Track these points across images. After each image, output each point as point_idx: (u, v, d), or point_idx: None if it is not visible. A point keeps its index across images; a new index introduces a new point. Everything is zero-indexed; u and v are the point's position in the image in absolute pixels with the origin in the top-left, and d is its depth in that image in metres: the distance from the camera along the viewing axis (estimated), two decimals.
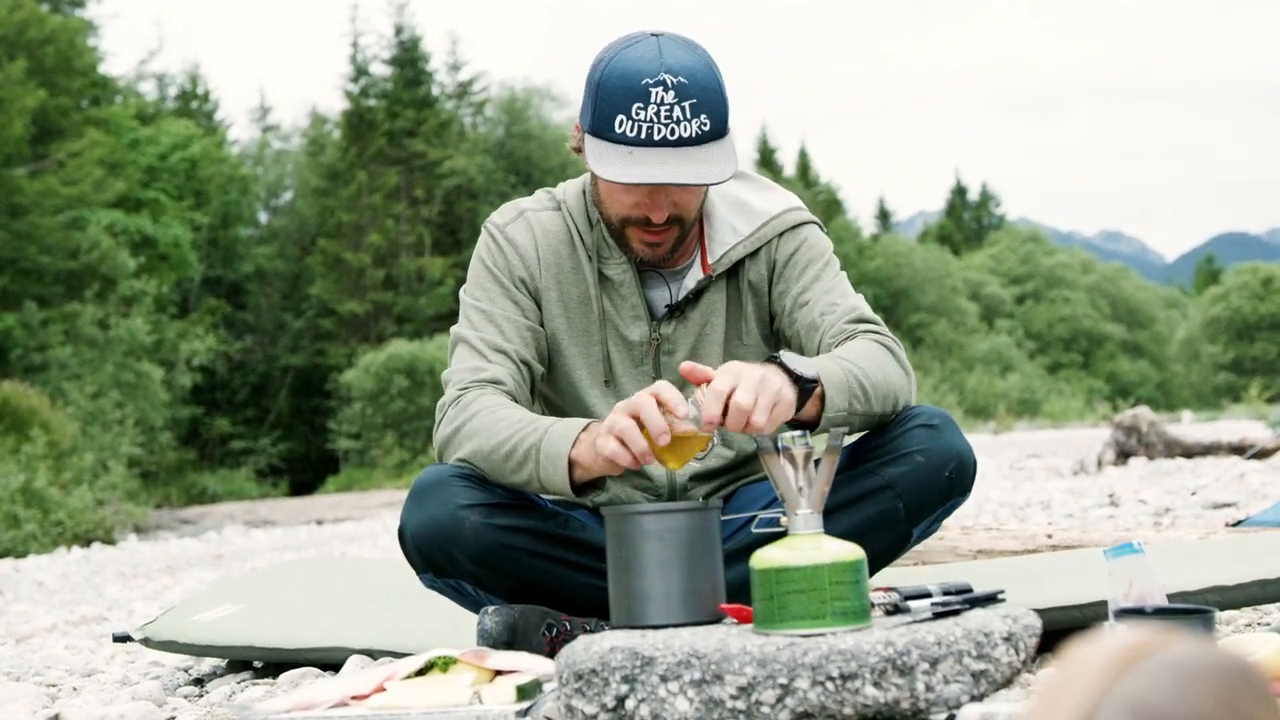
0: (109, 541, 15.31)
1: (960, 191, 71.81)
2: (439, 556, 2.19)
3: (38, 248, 26.46)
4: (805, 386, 2.01)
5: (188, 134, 35.72)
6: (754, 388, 1.92)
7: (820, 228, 2.42)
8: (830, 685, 1.62)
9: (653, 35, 2.21)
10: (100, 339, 26.25)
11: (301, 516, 18.86)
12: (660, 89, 2.12)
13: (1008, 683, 1.71)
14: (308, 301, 39.08)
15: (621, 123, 2.14)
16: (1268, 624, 2.54)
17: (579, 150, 2.28)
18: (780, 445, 1.83)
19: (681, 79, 2.13)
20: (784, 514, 1.82)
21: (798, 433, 1.85)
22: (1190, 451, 10.32)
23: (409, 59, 42.62)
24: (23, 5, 26.72)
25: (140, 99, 38.82)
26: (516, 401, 2.25)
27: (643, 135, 2.13)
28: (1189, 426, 22.66)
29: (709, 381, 1.95)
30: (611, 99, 2.15)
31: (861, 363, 2.14)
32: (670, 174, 2.13)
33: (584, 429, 2.08)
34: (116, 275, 27.49)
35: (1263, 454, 9.05)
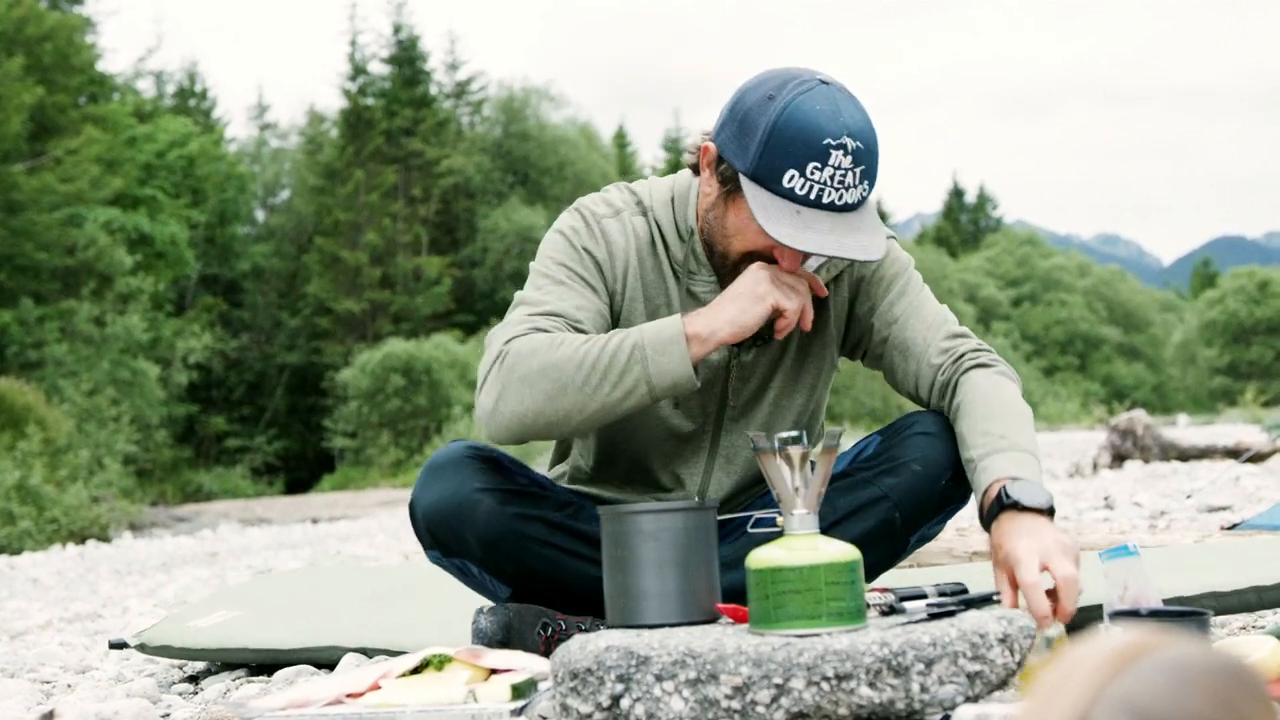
0: (104, 539, 15.31)
1: (957, 194, 71.86)
2: (449, 536, 2.18)
3: (34, 244, 26.46)
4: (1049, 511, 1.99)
5: (185, 132, 35.69)
6: (1066, 561, 1.88)
7: (897, 240, 2.36)
8: (825, 685, 1.62)
9: (823, 83, 2.07)
10: (96, 336, 26.24)
11: (297, 515, 18.86)
12: (839, 152, 2.01)
13: (1003, 684, 1.72)
14: (304, 300, 39.06)
15: (792, 178, 2.01)
16: (1262, 626, 2.54)
17: (696, 169, 2.20)
18: (777, 445, 1.83)
19: (859, 144, 2.03)
20: (780, 514, 1.82)
21: (794, 433, 1.85)
22: (1186, 455, 10.33)
23: (407, 58, 42.63)
24: (21, 2, 26.70)
25: (138, 96, 38.79)
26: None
27: (812, 196, 2.02)
28: (1185, 430, 22.69)
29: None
30: (787, 151, 2.01)
31: (1024, 430, 2.12)
32: (838, 246, 2.03)
33: (686, 315, 2.08)
34: (113, 272, 27.49)
35: (1258, 457, 9.07)
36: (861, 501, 2.20)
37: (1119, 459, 10.44)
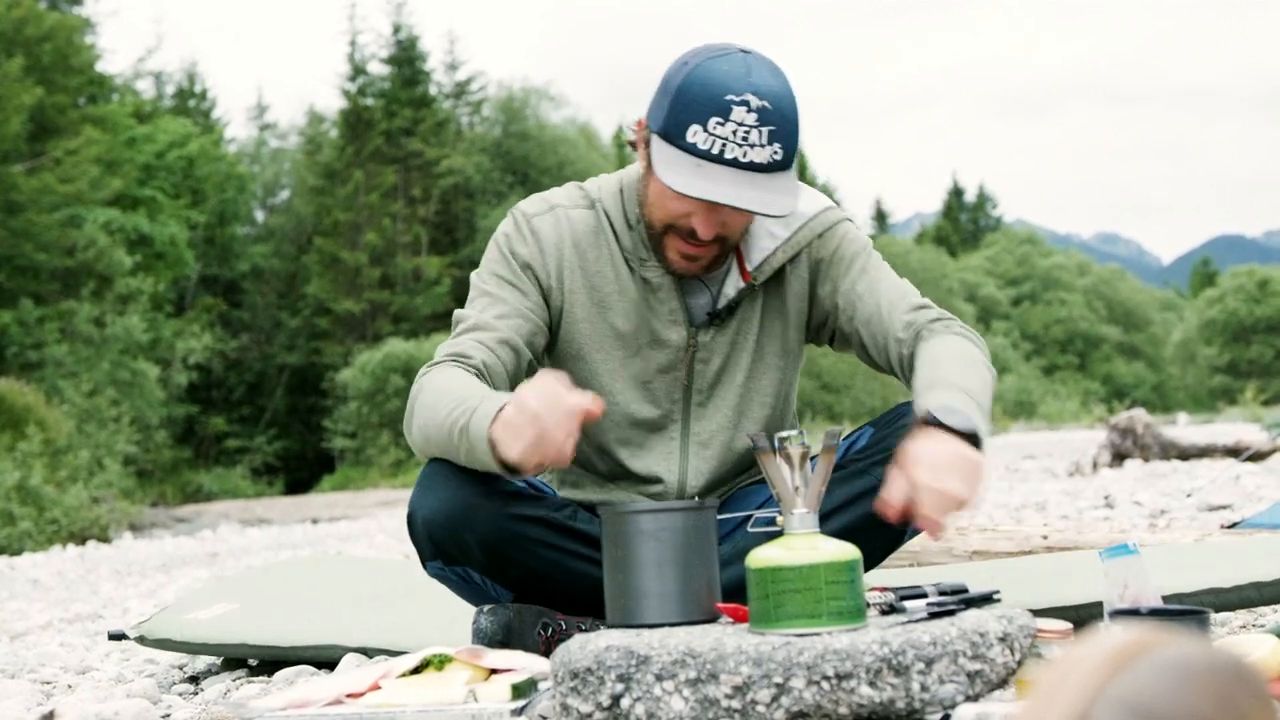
0: (104, 539, 15.30)
1: (957, 193, 71.87)
2: (450, 544, 2.17)
3: (34, 245, 26.46)
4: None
5: (185, 132, 35.69)
6: (957, 478, 1.89)
7: (853, 223, 2.39)
8: (825, 685, 1.62)
9: (742, 51, 2.13)
10: (96, 337, 26.24)
11: (297, 515, 18.85)
12: (743, 108, 2.06)
13: (1003, 683, 1.72)
14: (304, 300, 39.06)
15: (695, 133, 2.07)
16: (1263, 625, 2.54)
17: (634, 145, 2.24)
18: (777, 444, 1.83)
19: (765, 103, 2.07)
20: (779, 513, 1.82)
21: (794, 431, 1.85)
22: (1186, 454, 10.33)
23: (407, 58, 42.62)
24: (20, 2, 26.70)
25: (137, 97, 38.79)
26: (482, 375, 2.18)
27: (714, 150, 2.06)
28: (1185, 429, 22.69)
29: (893, 503, 1.90)
30: (690, 107, 2.08)
31: (970, 376, 2.11)
32: (735, 196, 2.07)
33: (502, 406, 1.98)
34: (113, 273, 27.49)
35: (1258, 456, 9.06)
36: (858, 491, 2.20)
37: (1119, 458, 10.44)
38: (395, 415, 31.41)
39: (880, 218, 68.08)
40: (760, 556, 1.76)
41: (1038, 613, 1.99)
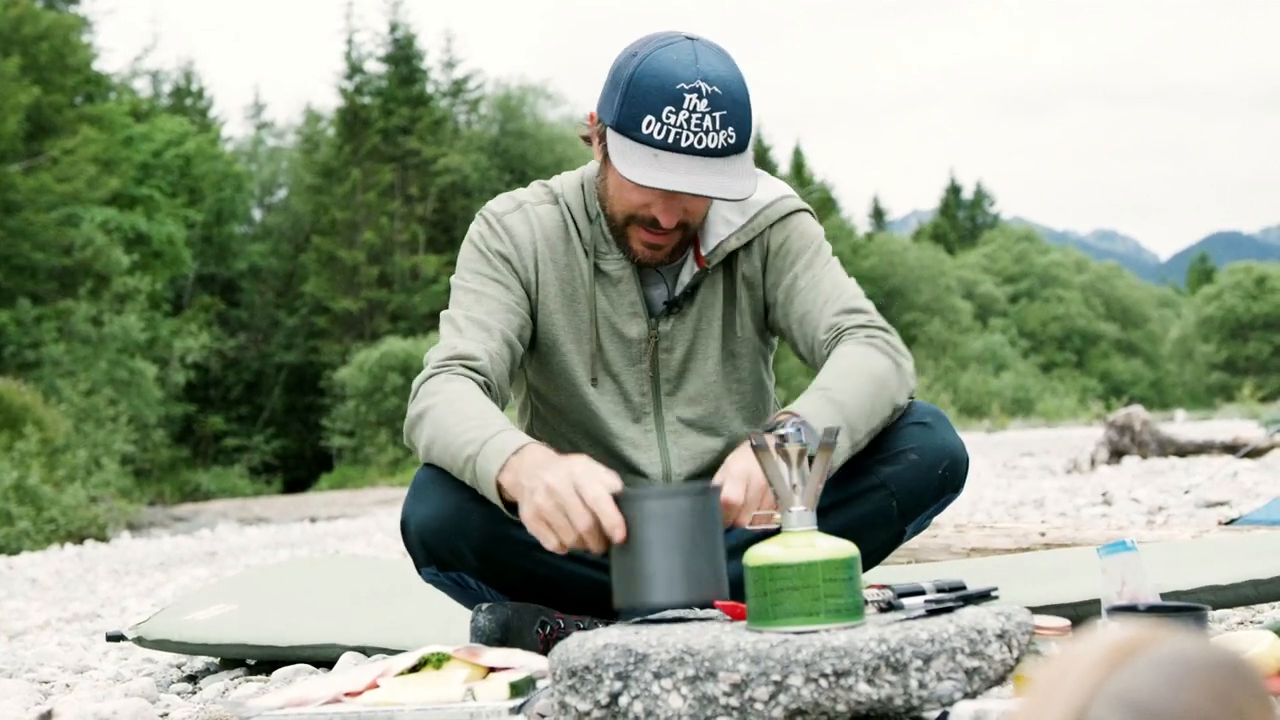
0: (102, 538, 15.30)
1: (954, 190, 71.89)
2: (444, 550, 2.17)
3: (31, 244, 26.45)
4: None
5: (182, 131, 35.67)
6: (734, 481, 1.99)
7: (811, 214, 2.40)
8: (824, 682, 1.62)
9: (688, 39, 2.17)
10: (94, 336, 26.23)
11: (295, 514, 18.85)
12: (694, 96, 2.09)
13: (1001, 680, 1.72)
14: (302, 299, 39.06)
15: (650, 124, 2.10)
16: (1260, 621, 2.54)
17: (589, 140, 2.26)
18: (774, 442, 1.83)
19: (715, 89, 2.10)
20: (777, 511, 1.82)
21: (792, 430, 1.85)
22: (1183, 450, 10.34)
23: (404, 56, 42.59)
24: (17, 1, 26.67)
25: (134, 96, 38.76)
26: (489, 382, 2.20)
27: (670, 140, 2.09)
28: (1182, 425, 22.69)
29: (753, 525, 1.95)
30: (642, 98, 2.11)
31: (850, 390, 2.10)
32: (694, 184, 2.10)
33: (515, 451, 1.98)
34: (110, 272, 27.47)
35: (1256, 453, 9.07)
36: (859, 489, 2.21)
37: (1117, 455, 10.45)
38: (393, 414, 31.40)
39: (878, 215, 68.09)
40: (757, 554, 1.76)
41: (1036, 610, 1.99)
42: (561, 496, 1.88)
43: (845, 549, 1.74)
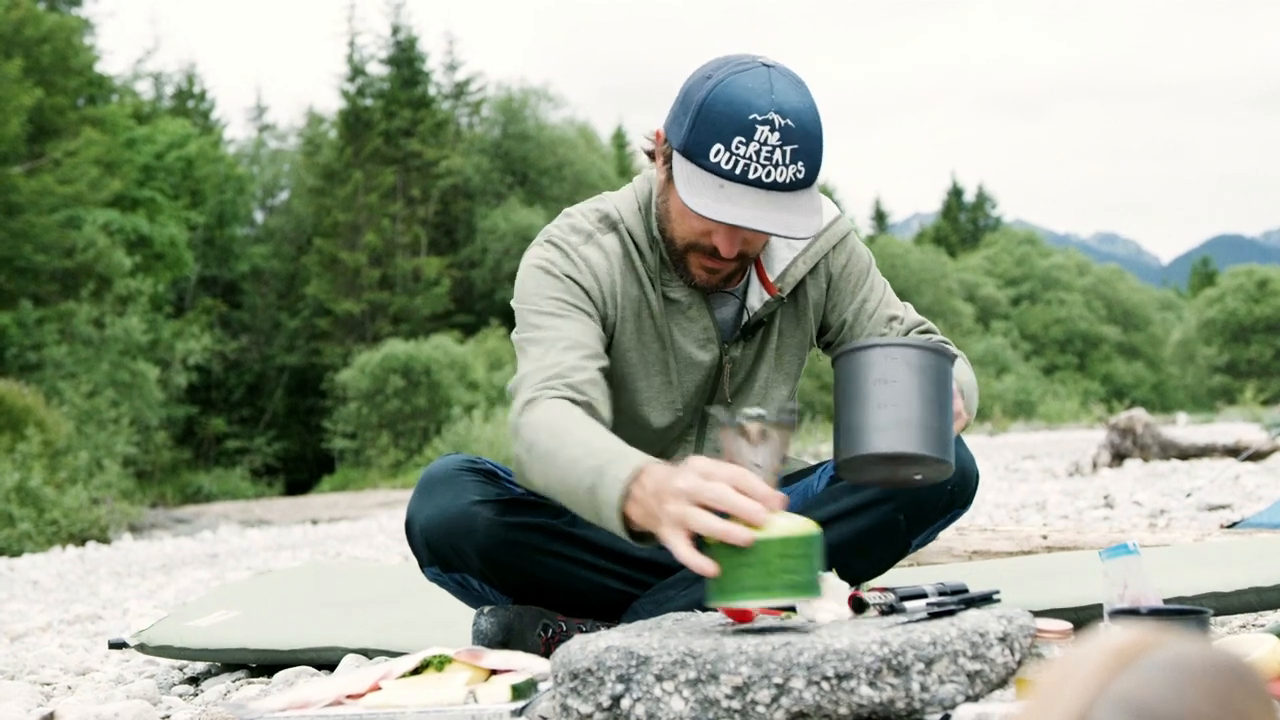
0: (104, 540, 15.30)
1: (956, 193, 71.91)
2: (448, 551, 2.17)
3: (33, 246, 26.46)
4: None
5: (184, 133, 35.69)
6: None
7: (855, 230, 2.42)
8: (825, 685, 1.62)
9: (765, 65, 2.08)
10: (95, 338, 26.24)
11: (296, 516, 18.85)
12: (766, 128, 2.01)
13: (1003, 683, 1.72)
14: (303, 301, 39.07)
15: (718, 152, 2.02)
16: (1262, 624, 2.54)
17: (652, 156, 2.21)
18: (735, 420, 1.83)
19: (789, 121, 2.02)
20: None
21: (753, 410, 1.84)
22: (1185, 453, 10.33)
23: (405, 59, 42.63)
24: (19, 4, 26.69)
25: (136, 98, 38.80)
26: (592, 404, 2.07)
27: (737, 171, 2.02)
28: (1184, 428, 22.69)
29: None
30: (713, 125, 2.03)
31: (967, 374, 2.21)
32: (757, 219, 2.03)
33: (635, 479, 1.83)
34: (112, 274, 27.48)
35: (1257, 456, 9.07)
36: (867, 501, 2.21)
37: (1119, 458, 10.45)
38: (395, 416, 31.41)
39: (879, 218, 68.12)
40: None
41: (1038, 613, 1.99)
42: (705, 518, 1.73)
43: (803, 526, 1.74)
